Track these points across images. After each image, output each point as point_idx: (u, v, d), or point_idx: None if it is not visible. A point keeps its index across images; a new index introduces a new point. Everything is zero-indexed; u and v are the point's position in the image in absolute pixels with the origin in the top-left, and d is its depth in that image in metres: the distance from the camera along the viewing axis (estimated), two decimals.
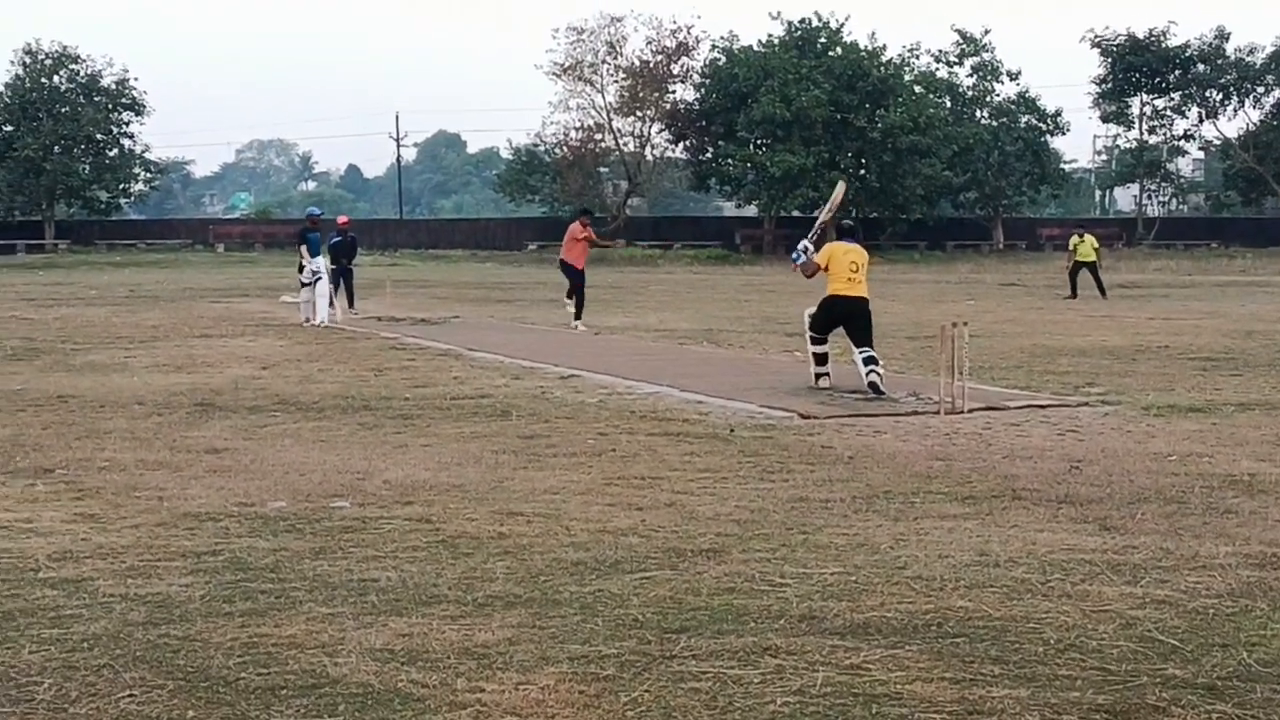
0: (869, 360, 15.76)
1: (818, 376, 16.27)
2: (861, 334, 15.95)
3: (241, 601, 6.69)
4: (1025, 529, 8.24)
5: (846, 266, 16.11)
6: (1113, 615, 6.41)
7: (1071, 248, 37.02)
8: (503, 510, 8.83)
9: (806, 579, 7.06)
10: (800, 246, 16.84)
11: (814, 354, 16.42)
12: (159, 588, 6.95)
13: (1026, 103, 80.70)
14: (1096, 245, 36.70)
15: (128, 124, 79.51)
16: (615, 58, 76.82)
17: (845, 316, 16.16)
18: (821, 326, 16.34)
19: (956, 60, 79.34)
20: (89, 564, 7.44)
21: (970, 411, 13.47)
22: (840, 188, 18.74)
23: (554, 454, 11.14)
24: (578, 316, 26.16)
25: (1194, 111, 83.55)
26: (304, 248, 27.30)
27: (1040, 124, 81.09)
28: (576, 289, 26.34)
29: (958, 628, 6.22)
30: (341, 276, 30.10)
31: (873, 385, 15.53)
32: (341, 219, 34.17)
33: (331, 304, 27.51)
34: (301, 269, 27.41)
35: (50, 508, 9.00)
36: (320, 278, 26.81)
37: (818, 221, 17.64)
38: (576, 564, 7.39)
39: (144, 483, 9.87)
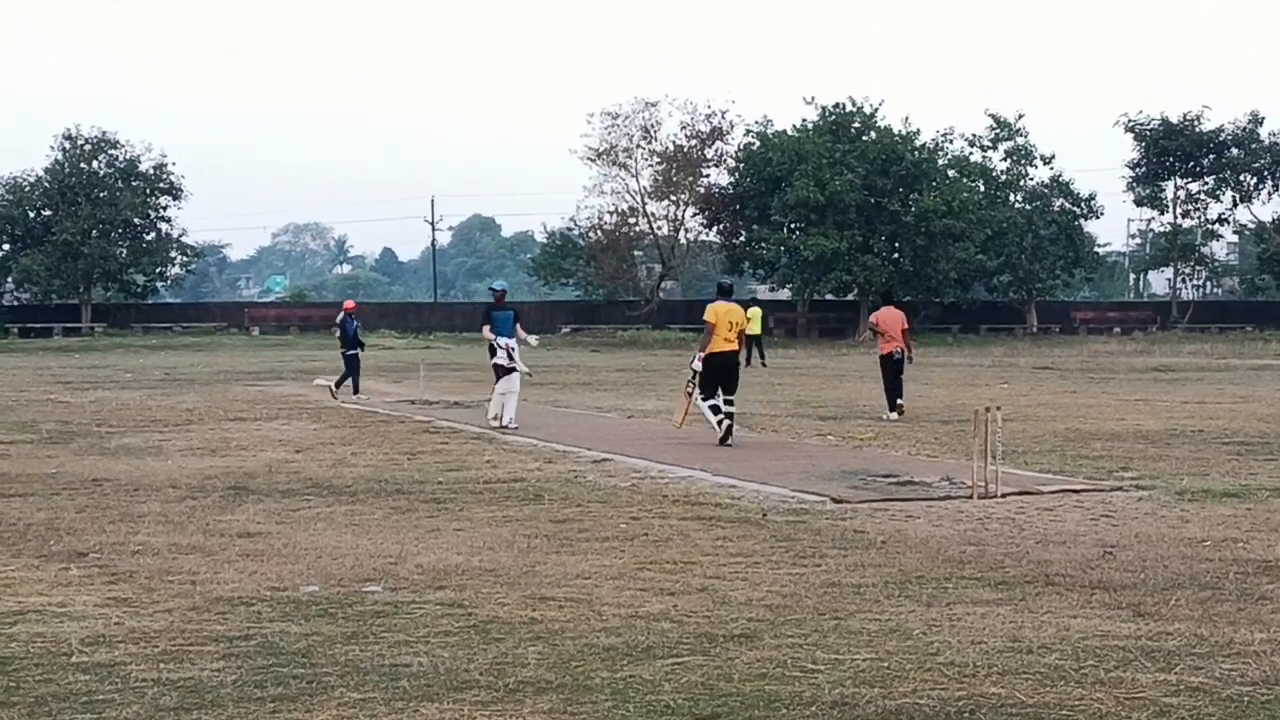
0: (727, 403, 18.77)
1: (721, 424, 18.51)
2: (730, 385, 18.99)
3: (273, 686, 6.69)
4: (1058, 615, 8.20)
5: (726, 325, 18.94)
6: (1147, 703, 6.37)
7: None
8: (535, 595, 8.83)
9: (839, 665, 7.04)
10: (692, 363, 19.71)
11: (710, 406, 18.77)
12: (191, 672, 6.97)
13: (1060, 186, 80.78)
14: (762, 316, 45.93)
15: (165, 208, 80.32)
16: (650, 142, 77.24)
17: (723, 370, 18.90)
18: (711, 388, 18.86)
19: (990, 144, 79.45)
20: (121, 648, 7.46)
21: (1003, 496, 13.43)
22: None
23: (586, 538, 11.14)
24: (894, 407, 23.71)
25: (1228, 195, 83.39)
26: (486, 328, 22.79)
27: (1074, 208, 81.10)
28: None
29: (991, 715, 6.19)
30: (349, 362, 30.39)
31: (724, 422, 18.49)
32: (348, 304, 33.53)
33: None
34: (494, 352, 22.64)
35: (83, 591, 9.04)
36: (514, 368, 22.44)
37: (700, 351, 19.52)
38: (608, 649, 7.38)
39: (177, 567, 9.90)
